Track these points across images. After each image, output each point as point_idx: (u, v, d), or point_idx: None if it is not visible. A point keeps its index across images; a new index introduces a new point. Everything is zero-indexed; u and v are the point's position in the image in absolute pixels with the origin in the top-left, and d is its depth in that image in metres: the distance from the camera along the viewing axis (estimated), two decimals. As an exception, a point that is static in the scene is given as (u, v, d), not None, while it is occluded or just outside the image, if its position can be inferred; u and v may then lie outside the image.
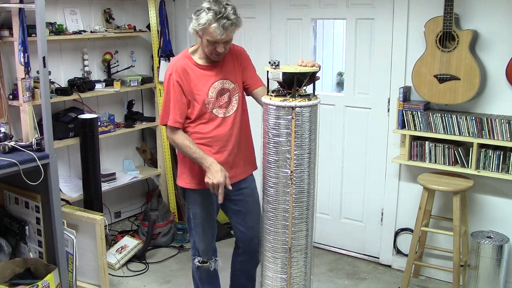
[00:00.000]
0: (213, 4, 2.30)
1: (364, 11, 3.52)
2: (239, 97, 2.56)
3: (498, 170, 3.04)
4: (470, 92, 3.02)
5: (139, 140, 4.63)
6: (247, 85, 2.61)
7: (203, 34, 2.36)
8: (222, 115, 2.51)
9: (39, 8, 2.64)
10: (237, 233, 2.76)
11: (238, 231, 2.74)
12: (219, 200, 2.37)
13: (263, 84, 2.59)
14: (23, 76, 3.26)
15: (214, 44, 2.37)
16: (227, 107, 2.52)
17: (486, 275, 3.02)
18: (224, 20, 2.28)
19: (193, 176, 2.56)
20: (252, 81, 2.60)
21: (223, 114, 2.51)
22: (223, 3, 2.31)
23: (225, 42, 2.37)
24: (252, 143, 2.70)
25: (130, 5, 4.33)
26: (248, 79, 2.60)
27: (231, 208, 2.71)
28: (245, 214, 2.69)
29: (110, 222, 4.34)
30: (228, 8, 2.31)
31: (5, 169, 2.60)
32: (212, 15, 2.28)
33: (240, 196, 2.66)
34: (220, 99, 2.49)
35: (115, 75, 4.20)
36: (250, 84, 2.60)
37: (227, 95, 2.52)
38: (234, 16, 2.31)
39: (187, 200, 2.65)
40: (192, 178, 2.57)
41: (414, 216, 3.23)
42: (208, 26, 2.30)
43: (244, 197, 2.67)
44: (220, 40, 2.34)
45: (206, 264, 2.68)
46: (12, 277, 2.87)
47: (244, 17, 4.01)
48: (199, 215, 2.62)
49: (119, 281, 3.50)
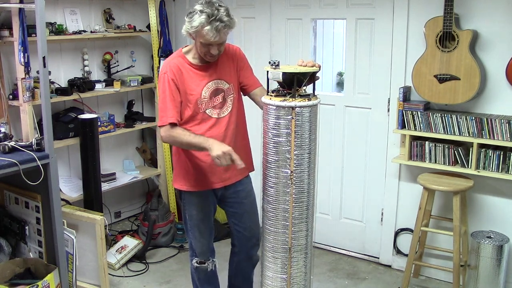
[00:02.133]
0: (206, 6, 2.28)
1: (364, 11, 3.52)
2: (234, 97, 2.54)
3: (498, 170, 3.04)
4: (470, 92, 3.02)
5: (139, 140, 4.63)
6: (244, 86, 2.58)
7: (196, 36, 2.35)
8: (216, 116, 2.48)
9: (39, 8, 2.64)
10: (233, 233, 2.76)
11: (235, 231, 2.74)
12: (238, 165, 2.24)
13: (261, 85, 2.58)
14: (23, 76, 3.26)
15: (208, 46, 2.35)
16: (222, 107, 2.50)
17: (486, 275, 3.02)
18: (217, 23, 2.27)
19: (188, 178, 2.55)
20: (250, 82, 2.58)
21: (217, 115, 2.49)
22: (215, 5, 2.30)
23: (218, 44, 2.36)
24: (249, 144, 2.69)
25: (130, 5, 4.33)
26: (245, 80, 2.58)
27: (228, 210, 2.72)
28: (242, 215, 2.69)
29: (110, 222, 4.34)
30: (221, 10, 2.29)
31: (5, 169, 2.60)
32: (205, 17, 2.26)
33: (236, 198, 2.66)
34: (214, 99, 2.47)
35: (115, 75, 4.20)
36: (247, 85, 2.58)
37: (222, 96, 2.49)
38: (227, 18, 2.30)
39: (183, 202, 2.64)
40: (187, 180, 2.56)
41: (414, 216, 3.23)
42: (201, 29, 2.28)
43: (240, 199, 2.67)
44: (213, 42, 2.33)
45: (204, 265, 2.67)
46: (12, 277, 2.87)
47: (244, 17, 4.06)
48: (195, 216, 2.61)
49: (119, 281, 3.50)
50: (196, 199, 2.58)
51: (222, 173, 2.54)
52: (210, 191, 2.59)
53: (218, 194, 2.63)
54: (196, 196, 2.58)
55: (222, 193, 2.63)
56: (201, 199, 2.58)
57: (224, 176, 2.56)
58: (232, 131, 2.54)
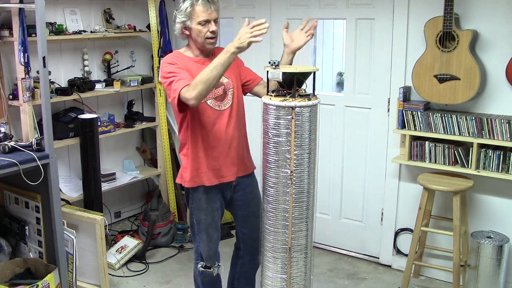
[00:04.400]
0: None
1: (364, 11, 3.52)
2: (234, 92, 2.55)
3: (498, 170, 3.04)
4: (470, 92, 3.02)
5: (139, 140, 4.63)
6: (248, 81, 2.61)
7: (191, 21, 2.38)
8: (217, 108, 2.49)
9: (39, 8, 2.64)
10: (239, 235, 2.76)
11: (241, 233, 2.74)
12: (262, 24, 2.14)
13: (261, 78, 2.63)
14: (23, 76, 3.26)
15: (207, 25, 2.38)
16: (222, 100, 2.51)
17: (486, 275, 3.02)
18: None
19: (199, 173, 2.52)
20: (252, 77, 2.63)
21: (218, 107, 2.50)
22: None
23: (215, 20, 2.39)
24: (248, 142, 2.70)
25: (130, 5, 4.33)
26: (248, 76, 2.62)
27: (236, 212, 2.72)
28: (248, 217, 2.69)
29: (110, 222, 4.34)
30: None
31: (5, 169, 2.60)
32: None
33: (244, 201, 2.66)
34: (215, 91, 2.47)
35: (115, 75, 4.20)
36: (251, 79, 2.62)
37: (222, 88, 2.51)
38: None
39: (191, 206, 2.61)
40: (198, 175, 2.52)
41: (414, 216, 3.23)
42: (194, 8, 2.35)
43: (247, 201, 2.67)
44: (210, 17, 2.36)
45: (210, 270, 2.65)
46: (12, 277, 2.87)
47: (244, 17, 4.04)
48: (203, 221, 2.58)
49: (119, 281, 3.50)
50: (204, 204, 2.55)
51: (230, 167, 2.54)
52: (220, 194, 2.58)
53: (227, 197, 2.63)
54: (206, 198, 2.54)
55: (231, 196, 2.63)
56: (209, 203, 2.56)
57: (232, 169, 2.56)
58: (234, 125, 2.54)
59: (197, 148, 2.51)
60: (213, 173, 2.53)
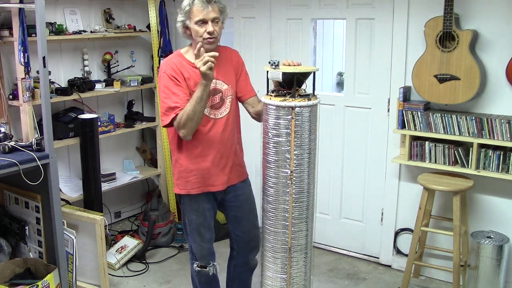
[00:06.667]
0: None
1: (364, 11, 3.52)
2: (232, 99, 2.52)
3: (498, 170, 3.04)
4: (470, 92, 3.02)
5: (139, 140, 4.63)
6: (240, 95, 2.58)
7: (190, 20, 2.37)
8: (213, 116, 2.46)
9: (39, 8, 2.64)
10: (232, 236, 2.75)
11: (234, 234, 2.73)
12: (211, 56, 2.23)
13: (255, 93, 2.59)
14: (23, 76, 3.26)
15: (204, 25, 2.35)
16: (219, 108, 2.48)
17: (486, 275, 3.02)
18: None
19: (187, 182, 2.52)
20: (245, 90, 2.58)
21: (214, 116, 2.47)
22: None
23: (213, 20, 2.36)
24: (242, 148, 2.68)
25: (130, 5, 4.33)
26: (242, 88, 2.57)
27: (227, 213, 2.71)
28: (241, 219, 2.68)
29: (110, 222, 4.34)
30: None
31: (5, 169, 2.60)
32: None
33: (235, 202, 2.64)
34: (212, 99, 2.45)
35: (115, 75, 4.20)
36: (243, 93, 2.57)
37: (219, 96, 2.48)
38: None
39: (182, 207, 2.62)
40: (186, 184, 2.53)
41: (414, 216, 3.23)
42: (192, 6, 2.34)
43: (239, 203, 2.65)
44: (206, 17, 2.34)
45: (205, 270, 2.66)
46: (12, 277, 2.87)
47: (244, 17, 4.06)
48: (195, 221, 2.58)
49: (119, 281, 3.50)
50: (195, 203, 2.56)
51: (220, 176, 2.53)
52: (210, 195, 2.57)
53: (218, 198, 2.61)
54: (196, 200, 2.55)
55: (222, 197, 2.62)
56: (200, 203, 2.56)
57: (222, 179, 2.54)
58: (230, 133, 2.52)
59: (187, 158, 2.50)
60: (202, 182, 2.51)
